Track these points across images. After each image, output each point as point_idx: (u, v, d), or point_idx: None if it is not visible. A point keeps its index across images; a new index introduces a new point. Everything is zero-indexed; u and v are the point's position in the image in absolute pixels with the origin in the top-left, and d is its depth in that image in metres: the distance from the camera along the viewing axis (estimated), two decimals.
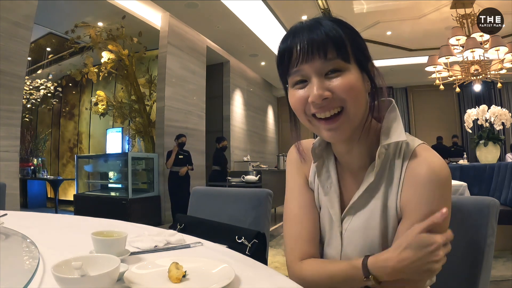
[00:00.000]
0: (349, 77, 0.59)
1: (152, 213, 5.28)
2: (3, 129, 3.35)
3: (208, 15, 5.71)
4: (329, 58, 0.58)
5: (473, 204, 0.82)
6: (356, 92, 0.59)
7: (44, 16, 5.09)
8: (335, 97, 0.59)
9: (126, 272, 0.57)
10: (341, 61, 0.58)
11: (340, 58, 0.58)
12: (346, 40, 0.59)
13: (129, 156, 5.24)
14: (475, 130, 6.02)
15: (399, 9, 5.77)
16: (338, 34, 0.58)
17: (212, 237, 0.94)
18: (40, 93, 7.17)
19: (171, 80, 5.67)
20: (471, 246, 0.79)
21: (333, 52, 0.58)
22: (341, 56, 0.58)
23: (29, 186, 7.04)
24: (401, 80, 9.82)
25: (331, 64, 0.58)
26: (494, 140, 3.86)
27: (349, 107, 0.59)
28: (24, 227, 0.87)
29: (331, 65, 0.58)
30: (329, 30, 0.59)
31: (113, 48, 5.80)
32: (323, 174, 0.72)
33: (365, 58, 0.62)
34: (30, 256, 0.66)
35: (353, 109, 0.59)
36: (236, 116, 7.95)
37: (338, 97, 0.58)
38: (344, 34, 0.60)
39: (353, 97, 0.59)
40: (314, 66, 0.59)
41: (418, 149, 0.63)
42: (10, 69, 3.42)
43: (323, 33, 0.58)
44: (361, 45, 0.62)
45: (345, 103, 0.59)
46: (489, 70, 4.99)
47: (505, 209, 2.90)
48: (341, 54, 0.58)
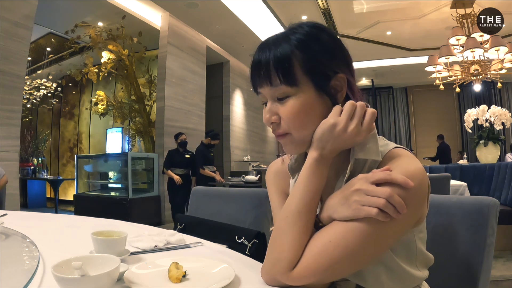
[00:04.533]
0: (295, 103, 0.58)
1: (152, 213, 5.28)
2: (3, 129, 3.35)
3: (208, 15, 5.71)
4: (274, 85, 0.59)
5: (473, 204, 0.82)
6: (301, 118, 0.59)
7: (44, 16, 5.09)
8: (282, 122, 0.60)
9: (126, 272, 0.57)
10: (287, 86, 0.58)
11: (285, 84, 0.58)
12: (294, 63, 0.58)
13: (129, 156, 5.24)
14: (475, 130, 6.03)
15: (399, 9, 5.77)
16: (283, 59, 0.58)
17: (212, 237, 0.94)
18: (40, 93, 7.17)
19: (171, 80, 5.68)
20: (471, 246, 0.79)
21: (277, 79, 0.58)
22: (286, 82, 0.58)
23: (29, 186, 7.04)
24: (401, 80, 9.82)
25: (276, 90, 0.59)
26: (494, 140, 3.87)
27: (293, 133, 0.60)
28: (24, 227, 0.87)
29: (277, 92, 0.59)
30: (274, 54, 0.58)
31: (113, 48, 5.80)
32: None
33: (322, 77, 0.59)
34: (30, 256, 0.66)
35: (297, 135, 0.60)
36: (236, 116, 7.95)
37: (284, 122, 0.60)
38: (295, 54, 0.58)
39: (297, 125, 0.59)
40: (265, 91, 0.61)
41: (392, 153, 0.61)
42: (10, 69, 3.42)
43: (268, 58, 0.58)
44: (322, 62, 0.59)
45: (290, 130, 0.60)
46: (489, 70, 4.99)
47: (505, 209, 2.90)
48: (285, 81, 0.58)
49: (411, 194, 0.53)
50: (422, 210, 0.60)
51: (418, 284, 0.66)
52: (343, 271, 0.56)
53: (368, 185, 0.53)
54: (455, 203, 0.85)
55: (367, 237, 0.53)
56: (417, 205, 0.56)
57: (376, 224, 0.52)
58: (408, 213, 0.52)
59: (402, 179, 0.52)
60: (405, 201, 0.52)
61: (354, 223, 0.53)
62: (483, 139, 3.90)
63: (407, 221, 0.56)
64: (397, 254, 0.60)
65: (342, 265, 0.54)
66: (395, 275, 0.61)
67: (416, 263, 0.64)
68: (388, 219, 0.51)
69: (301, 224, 0.57)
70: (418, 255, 0.64)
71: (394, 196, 0.51)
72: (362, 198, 0.53)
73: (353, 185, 0.55)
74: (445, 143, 7.81)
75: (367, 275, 0.60)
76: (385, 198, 0.51)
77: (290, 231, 0.57)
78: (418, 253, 0.64)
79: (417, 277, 0.64)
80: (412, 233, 0.62)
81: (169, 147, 5.34)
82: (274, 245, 0.58)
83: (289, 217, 0.58)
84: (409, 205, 0.52)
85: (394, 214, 0.51)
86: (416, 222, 0.60)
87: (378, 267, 0.60)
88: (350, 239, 0.53)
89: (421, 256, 0.65)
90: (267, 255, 0.58)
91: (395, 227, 0.54)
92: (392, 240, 0.57)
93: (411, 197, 0.53)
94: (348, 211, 0.54)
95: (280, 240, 0.57)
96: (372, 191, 0.52)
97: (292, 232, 0.56)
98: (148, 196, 5.32)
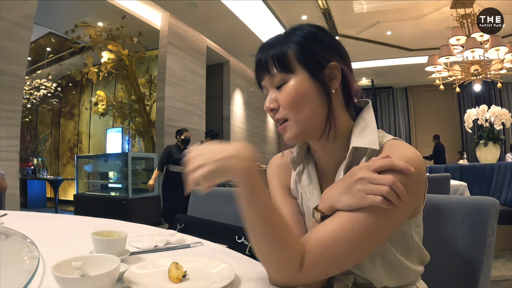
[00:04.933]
0: (290, 88, 0.62)
1: (152, 213, 5.27)
2: (3, 129, 3.35)
3: (208, 15, 5.71)
4: (272, 74, 0.64)
5: (473, 204, 0.82)
6: (297, 101, 0.62)
7: (44, 16, 5.09)
8: (280, 108, 0.64)
9: (126, 272, 0.57)
10: (282, 73, 0.63)
11: (281, 71, 0.63)
12: (289, 53, 0.63)
13: (129, 156, 5.24)
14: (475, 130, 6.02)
15: (399, 9, 5.77)
16: (279, 51, 0.63)
17: (212, 237, 0.94)
18: (40, 93, 7.17)
19: (171, 80, 5.68)
20: (471, 246, 0.79)
21: (274, 68, 0.63)
22: (282, 70, 0.63)
23: (29, 186, 7.03)
24: (401, 80, 9.82)
25: (274, 78, 0.64)
26: (494, 140, 3.86)
27: (290, 117, 0.63)
28: (24, 227, 0.87)
29: (275, 80, 0.64)
30: (272, 48, 0.64)
31: (113, 48, 5.80)
32: (304, 181, 0.72)
33: (316, 65, 0.63)
34: (30, 256, 0.66)
35: (293, 119, 0.63)
36: (236, 116, 7.95)
37: (282, 108, 0.64)
38: (290, 46, 0.63)
39: (293, 108, 0.63)
40: (266, 83, 0.66)
41: (388, 143, 0.62)
42: (10, 69, 3.42)
43: (267, 53, 0.64)
44: (315, 50, 0.63)
45: (287, 114, 0.63)
46: (489, 70, 4.99)
47: (505, 209, 2.90)
48: (281, 69, 0.63)
49: (411, 180, 0.55)
50: (420, 197, 0.61)
51: (414, 279, 0.67)
52: (350, 263, 0.58)
53: (371, 173, 0.54)
54: (455, 203, 0.85)
55: (373, 227, 0.54)
56: (416, 190, 0.58)
57: (380, 213, 0.54)
58: (408, 200, 0.54)
59: (403, 164, 0.54)
60: (406, 187, 0.53)
61: (359, 214, 0.55)
62: (483, 139, 3.90)
63: (408, 208, 0.58)
64: (394, 246, 0.61)
65: (350, 257, 0.56)
66: (391, 266, 0.62)
67: (411, 257, 0.65)
68: (391, 207, 0.53)
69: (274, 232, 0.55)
70: (414, 249, 0.65)
71: (396, 183, 0.53)
72: (366, 187, 0.54)
73: (356, 174, 0.56)
74: (441, 143, 7.82)
75: (365, 266, 0.61)
76: (388, 185, 0.52)
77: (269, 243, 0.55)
78: (414, 247, 0.64)
79: (413, 270, 0.64)
80: (408, 225, 0.63)
81: None
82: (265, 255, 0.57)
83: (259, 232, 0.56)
84: (410, 191, 0.54)
85: (397, 201, 0.53)
86: (412, 213, 0.62)
87: (376, 259, 0.61)
88: (357, 231, 0.54)
89: (417, 250, 0.65)
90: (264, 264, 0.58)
91: (398, 214, 0.56)
92: (393, 229, 0.58)
93: (411, 183, 0.55)
94: (353, 199, 0.55)
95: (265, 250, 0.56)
96: (376, 179, 0.53)
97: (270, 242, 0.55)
98: (148, 196, 5.32)
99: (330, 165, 0.69)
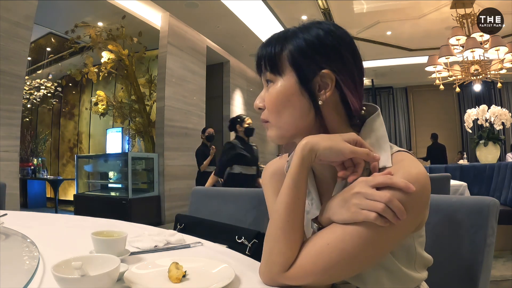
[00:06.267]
0: (274, 89, 0.62)
1: (152, 213, 5.28)
2: (3, 129, 3.34)
3: (208, 15, 5.70)
4: (263, 71, 0.64)
5: (473, 204, 0.82)
6: (277, 104, 0.62)
7: (44, 16, 5.08)
8: (265, 109, 0.64)
9: (126, 272, 0.57)
10: (270, 73, 0.63)
11: (269, 71, 0.63)
12: (283, 54, 0.61)
13: (129, 156, 5.24)
14: (475, 130, 6.02)
15: (399, 9, 5.77)
16: (273, 50, 0.62)
17: (212, 237, 0.94)
18: (40, 93, 7.17)
19: (171, 80, 5.67)
20: (471, 246, 0.79)
21: (264, 66, 0.64)
22: (270, 69, 0.63)
23: (29, 186, 7.03)
24: (401, 80, 9.82)
25: (264, 76, 0.64)
26: (494, 140, 3.86)
27: (271, 120, 0.64)
28: (24, 227, 0.87)
29: (264, 78, 0.65)
30: (268, 47, 0.63)
31: (113, 48, 5.79)
32: None
33: (306, 71, 0.60)
34: (30, 256, 0.66)
35: (272, 121, 0.63)
36: None
37: (266, 109, 0.64)
38: (287, 47, 0.61)
39: (273, 111, 0.62)
40: (262, 78, 0.66)
41: (395, 157, 0.60)
42: (10, 69, 3.42)
43: (265, 50, 0.64)
44: (311, 56, 0.60)
45: (268, 117, 0.64)
46: (489, 70, 4.99)
47: (505, 209, 2.90)
48: (270, 68, 0.63)
49: (412, 199, 0.52)
50: (423, 215, 0.59)
51: (418, 285, 0.66)
52: (341, 274, 0.56)
53: (368, 188, 0.53)
54: (455, 203, 0.85)
55: (366, 241, 0.52)
56: (418, 210, 0.55)
57: (375, 229, 0.52)
58: (408, 219, 0.51)
59: (403, 183, 0.51)
60: (405, 206, 0.51)
61: (353, 227, 0.53)
62: (483, 139, 3.90)
63: (407, 226, 0.55)
64: (397, 258, 0.60)
65: (340, 268, 0.54)
66: (395, 277, 0.60)
67: (415, 266, 0.64)
68: (387, 224, 0.51)
69: (290, 229, 0.56)
70: (417, 259, 0.64)
71: (393, 201, 0.50)
72: (361, 202, 0.52)
73: (353, 187, 0.55)
74: (438, 143, 7.78)
75: (367, 278, 0.60)
76: (384, 202, 0.50)
77: (281, 237, 0.56)
78: (417, 257, 0.63)
79: (417, 278, 0.63)
80: (412, 238, 0.62)
81: (169, 147, 5.34)
82: (267, 248, 0.58)
83: (278, 223, 0.57)
84: (410, 210, 0.51)
85: (393, 220, 0.50)
86: (416, 227, 0.60)
87: (379, 271, 0.60)
88: (348, 243, 0.53)
89: (420, 259, 0.65)
90: (263, 257, 0.58)
91: (395, 232, 0.53)
92: (392, 245, 0.56)
93: (412, 202, 0.52)
94: (347, 214, 0.53)
95: (272, 244, 0.57)
96: (371, 195, 0.52)
97: (283, 237, 0.56)
98: (148, 196, 5.32)
99: (327, 176, 0.67)
